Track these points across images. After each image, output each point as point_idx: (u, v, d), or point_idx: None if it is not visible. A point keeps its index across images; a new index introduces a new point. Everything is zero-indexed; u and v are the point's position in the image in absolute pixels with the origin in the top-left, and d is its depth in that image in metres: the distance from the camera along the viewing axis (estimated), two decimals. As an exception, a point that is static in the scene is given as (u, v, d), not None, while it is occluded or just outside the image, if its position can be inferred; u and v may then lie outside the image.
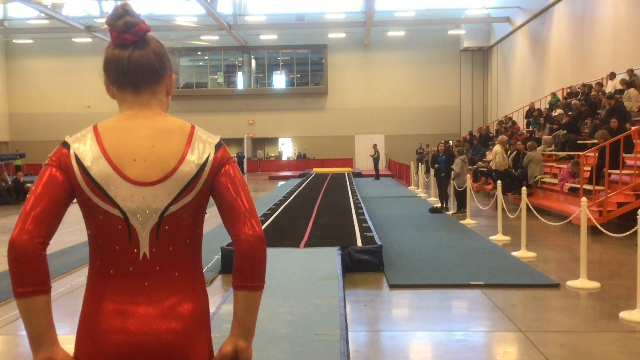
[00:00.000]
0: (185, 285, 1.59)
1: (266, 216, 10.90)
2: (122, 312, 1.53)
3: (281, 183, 25.30)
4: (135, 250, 1.55)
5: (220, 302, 5.60)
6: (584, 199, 7.09)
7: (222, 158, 1.63)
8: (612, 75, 16.42)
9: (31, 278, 1.47)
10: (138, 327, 1.53)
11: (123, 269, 1.56)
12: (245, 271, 1.57)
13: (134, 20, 1.59)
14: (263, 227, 9.53)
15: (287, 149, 38.40)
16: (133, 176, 1.55)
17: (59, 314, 5.78)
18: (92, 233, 1.59)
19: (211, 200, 1.65)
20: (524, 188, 8.94)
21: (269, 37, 35.15)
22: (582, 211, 6.77)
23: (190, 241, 1.61)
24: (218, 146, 1.64)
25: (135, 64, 1.60)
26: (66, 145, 1.59)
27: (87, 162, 1.55)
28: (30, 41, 34.99)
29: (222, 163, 1.63)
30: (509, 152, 15.61)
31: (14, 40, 35.48)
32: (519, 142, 15.59)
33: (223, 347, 1.60)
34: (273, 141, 38.62)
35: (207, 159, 1.60)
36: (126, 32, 1.59)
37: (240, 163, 33.04)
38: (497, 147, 15.28)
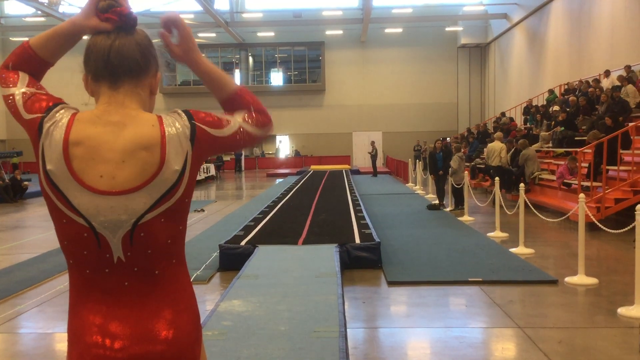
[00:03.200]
0: (168, 284, 1.48)
1: (264, 213, 10.89)
2: (104, 324, 1.42)
3: (279, 180, 25.28)
4: (108, 255, 1.42)
5: (218, 299, 5.60)
6: (581, 195, 7.09)
7: (199, 136, 1.47)
8: (607, 73, 16.43)
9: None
10: (125, 341, 1.42)
11: (99, 270, 1.44)
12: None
13: (116, 3, 1.50)
14: (261, 224, 9.55)
15: (284, 146, 38.37)
16: (100, 187, 1.39)
17: (57, 312, 5.77)
18: (57, 231, 1.46)
19: (210, 198, 1.60)
20: (521, 185, 8.94)
21: (266, 34, 35.10)
22: (580, 207, 6.78)
23: (172, 240, 1.46)
24: (193, 135, 1.46)
25: (116, 53, 1.48)
26: (40, 126, 1.47)
27: (49, 165, 1.40)
28: (26, 39, 34.78)
29: (197, 136, 1.47)
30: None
31: (10, 38, 35.39)
32: (514, 141, 15.59)
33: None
34: (270, 138, 38.54)
35: (186, 159, 1.44)
36: (107, 11, 1.49)
37: (238, 160, 33.11)
38: (501, 144, 15.24)
